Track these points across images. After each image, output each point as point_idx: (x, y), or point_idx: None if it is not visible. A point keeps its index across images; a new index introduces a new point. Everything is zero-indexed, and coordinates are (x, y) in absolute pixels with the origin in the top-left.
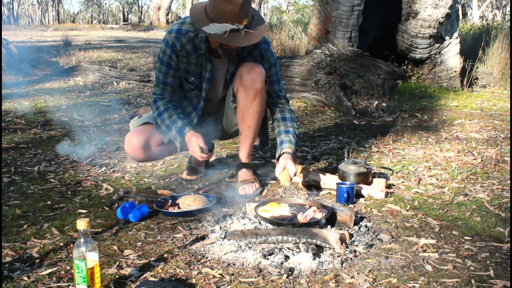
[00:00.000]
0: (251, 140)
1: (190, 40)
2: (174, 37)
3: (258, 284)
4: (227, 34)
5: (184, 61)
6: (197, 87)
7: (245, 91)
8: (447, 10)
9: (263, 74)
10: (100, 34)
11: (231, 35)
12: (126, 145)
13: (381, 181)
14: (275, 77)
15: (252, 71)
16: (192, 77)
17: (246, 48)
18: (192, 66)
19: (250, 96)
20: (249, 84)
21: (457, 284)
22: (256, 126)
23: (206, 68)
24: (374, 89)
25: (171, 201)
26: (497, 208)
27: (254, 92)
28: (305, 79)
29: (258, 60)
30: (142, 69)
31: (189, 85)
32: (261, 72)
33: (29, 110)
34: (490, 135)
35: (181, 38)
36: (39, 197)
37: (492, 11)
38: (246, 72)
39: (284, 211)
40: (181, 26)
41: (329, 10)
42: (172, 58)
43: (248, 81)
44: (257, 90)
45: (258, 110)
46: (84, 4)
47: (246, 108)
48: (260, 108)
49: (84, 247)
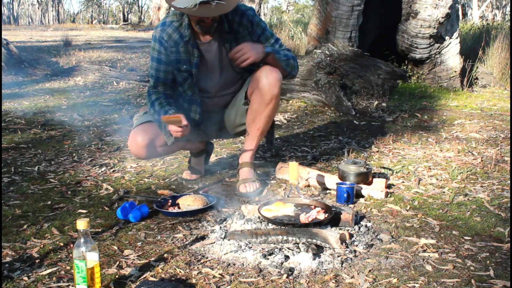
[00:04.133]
0: (257, 141)
1: (175, 29)
2: (160, 30)
3: (258, 284)
4: (197, 6)
5: (173, 51)
6: (190, 75)
7: (261, 95)
8: (447, 10)
9: (280, 80)
10: (100, 34)
11: (201, 8)
12: (130, 143)
13: (381, 181)
14: (272, 39)
15: (270, 75)
16: (184, 65)
17: (233, 20)
18: (182, 54)
19: (265, 101)
20: (266, 89)
21: (457, 284)
22: (265, 129)
23: (194, 54)
24: (374, 89)
25: (171, 201)
26: (497, 208)
27: (270, 97)
28: (305, 79)
29: (249, 28)
30: (142, 69)
31: (182, 74)
32: (279, 77)
33: (29, 110)
34: (490, 135)
35: (167, 29)
36: (39, 197)
37: (492, 11)
38: (264, 76)
39: (288, 211)
40: (165, 19)
41: (329, 10)
42: (162, 52)
43: (266, 86)
44: (274, 96)
45: (270, 115)
46: (84, 4)
47: (258, 112)
48: (273, 113)
49: (84, 247)
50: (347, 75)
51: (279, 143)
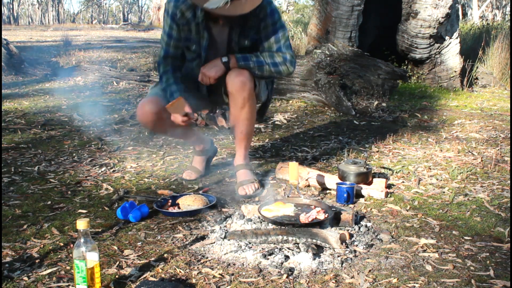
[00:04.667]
0: (245, 143)
1: (189, 7)
2: (173, 6)
3: (258, 284)
4: (229, 4)
5: (185, 29)
6: (198, 55)
7: (233, 100)
8: (447, 10)
9: (247, 82)
10: (100, 34)
11: (233, 4)
12: (138, 110)
13: (381, 181)
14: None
15: (236, 80)
16: (194, 45)
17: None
18: (193, 34)
19: (238, 105)
20: (235, 94)
21: (457, 284)
22: (248, 131)
23: (203, 37)
24: (374, 89)
25: (171, 201)
26: (497, 208)
27: (242, 101)
28: (305, 79)
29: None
30: (142, 69)
31: (191, 54)
32: (245, 79)
33: (29, 110)
34: (490, 135)
35: (180, 6)
36: (39, 197)
37: (492, 11)
38: (230, 82)
39: (288, 211)
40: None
41: (329, 10)
42: (173, 28)
43: (234, 91)
44: (245, 98)
45: (248, 117)
46: (84, 4)
47: (236, 116)
48: (250, 115)
49: (84, 247)
50: (347, 75)
51: (279, 143)
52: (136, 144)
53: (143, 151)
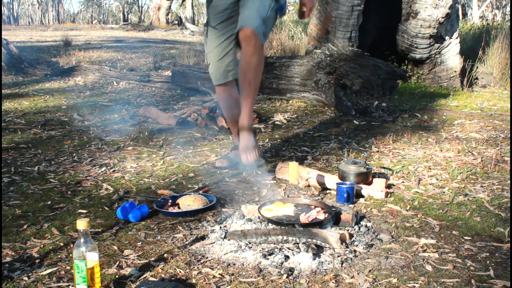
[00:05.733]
0: (251, 98)
1: None
2: None
3: (258, 284)
4: None
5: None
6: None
7: (244, 46)
8: (447, 10)
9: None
10: (100, 34)
11: None
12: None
13: (381, 181)
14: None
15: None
16: None
17: None
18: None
19: (249, 52)
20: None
21: (457, 284)
22: (255, 83)
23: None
24: (374, 89)
25: (171, 201)
26: (497, 208)
27: (252, 49)
28: (305, 79)
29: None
30: (142, 69)
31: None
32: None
33: (29, 110)
34: (490, 135)
35: None
36: (39, 197)
37: (492, 11)
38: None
39: (288, 211)
40: None
41: (329, 10)
42: None
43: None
44: (255, 47)
45: (257, 64)
46: (84, 4)
47: (247, 63)
48: (259, 62)
49: (84, 247)
50: (347, 75)
51: (279, 143)
52: (136, 144)
53: (143, 151)
